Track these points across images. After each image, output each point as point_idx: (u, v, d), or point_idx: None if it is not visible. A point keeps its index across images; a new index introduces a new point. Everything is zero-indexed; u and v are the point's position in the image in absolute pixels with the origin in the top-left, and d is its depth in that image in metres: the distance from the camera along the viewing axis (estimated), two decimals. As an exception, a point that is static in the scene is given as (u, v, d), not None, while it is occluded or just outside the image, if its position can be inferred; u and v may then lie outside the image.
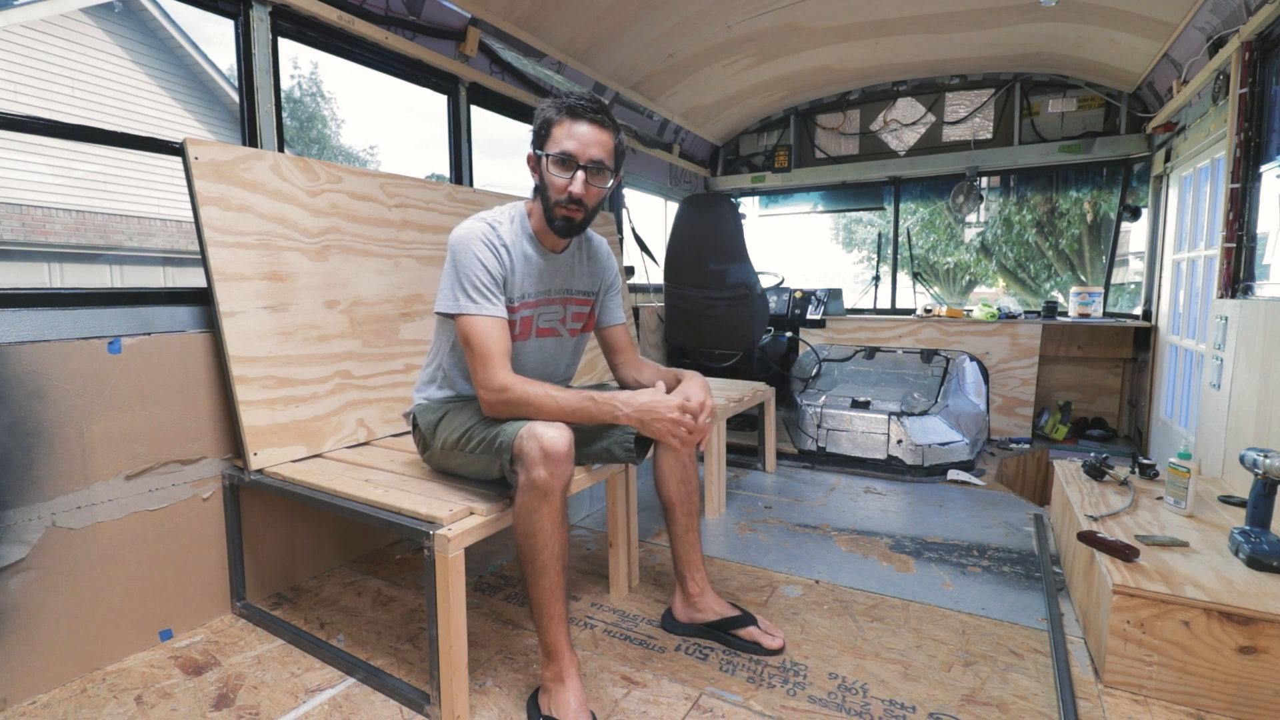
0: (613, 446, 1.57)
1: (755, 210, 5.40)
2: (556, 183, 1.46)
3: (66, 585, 1.54)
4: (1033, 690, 1.49)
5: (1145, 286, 3.95)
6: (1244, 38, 2.38)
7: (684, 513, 1.73)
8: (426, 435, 1.61)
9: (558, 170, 1.45)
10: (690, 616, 1.73)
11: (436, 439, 1.58)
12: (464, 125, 2.86)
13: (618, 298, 1.79)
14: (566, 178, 1.45)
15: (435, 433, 1.58)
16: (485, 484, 1.55)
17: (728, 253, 3.33)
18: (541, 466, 1.30)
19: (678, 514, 1.73)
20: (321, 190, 1.99)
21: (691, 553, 1.74)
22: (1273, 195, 2.43)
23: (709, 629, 1.70)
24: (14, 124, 1.58)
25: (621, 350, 1.79)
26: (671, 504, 1.72)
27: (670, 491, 1.72)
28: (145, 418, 1.66)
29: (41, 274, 8.31)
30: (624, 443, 1.55)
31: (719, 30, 3.45)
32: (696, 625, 1.72)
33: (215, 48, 16.02)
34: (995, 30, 3.51)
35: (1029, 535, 2.40)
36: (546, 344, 1.67)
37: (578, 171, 1.44)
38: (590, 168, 1.45)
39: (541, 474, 1.30)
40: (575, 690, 1.37)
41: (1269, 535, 1.59)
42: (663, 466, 1.72)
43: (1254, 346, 2.12)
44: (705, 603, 1.72)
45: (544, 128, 1.47)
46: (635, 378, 1.74)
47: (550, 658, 1.39)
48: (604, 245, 1.76)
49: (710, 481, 2.59)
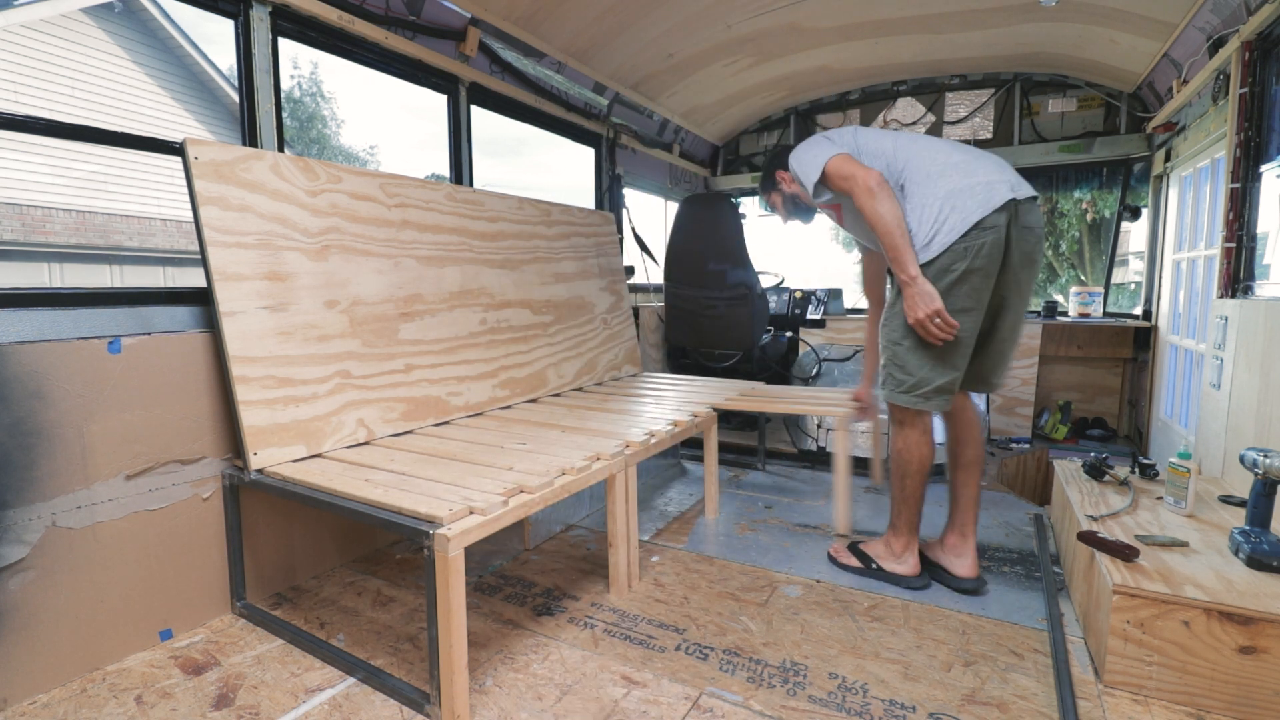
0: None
1: (755, 210, 5.40)
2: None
3: (66, 585, 1.54)
4: (1033, 690, 1.49)
5: (1145, 286, 3.95)
6: (1244, 37, 2.38)
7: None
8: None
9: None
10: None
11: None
12: (464, 125, 2.86)
13: (803, 179, 2.01)
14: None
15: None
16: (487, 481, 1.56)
17: (728, 253, 3.34)
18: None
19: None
20: (321, 190, 1.99)
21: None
22: (1273, 195, 2.43)
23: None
24: (14, 124, 1.58)
25: None
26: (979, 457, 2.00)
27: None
28: (145, 418, 1.66)
29: (41, 274, 8.32)
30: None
31: (719, 30, 3.45)
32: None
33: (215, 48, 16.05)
34: (995, 30, 3.51)
35: (1029, 535, 2.40)
36: (844, 225, 2.13)
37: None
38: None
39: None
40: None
41: (1269, 535, 1.59)
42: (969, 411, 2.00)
43: (1254, 346, 2.12)
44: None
45: None
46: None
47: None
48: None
49: (709, 481, 2.60)
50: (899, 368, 1.87)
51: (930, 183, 1.78)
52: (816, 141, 1.96)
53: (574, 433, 2.09)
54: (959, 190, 1.74)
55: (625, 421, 2.24)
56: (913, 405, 1.85)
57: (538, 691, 1.49)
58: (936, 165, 1.80)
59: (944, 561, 2.00)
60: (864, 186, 1.76)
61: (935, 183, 1.77)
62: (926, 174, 1.80)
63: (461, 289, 2.42)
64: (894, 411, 1.93)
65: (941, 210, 1.74)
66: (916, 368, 1.83)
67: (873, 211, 1.75)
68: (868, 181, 1.76)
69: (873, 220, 1.76)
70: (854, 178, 1.79)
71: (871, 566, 2.04)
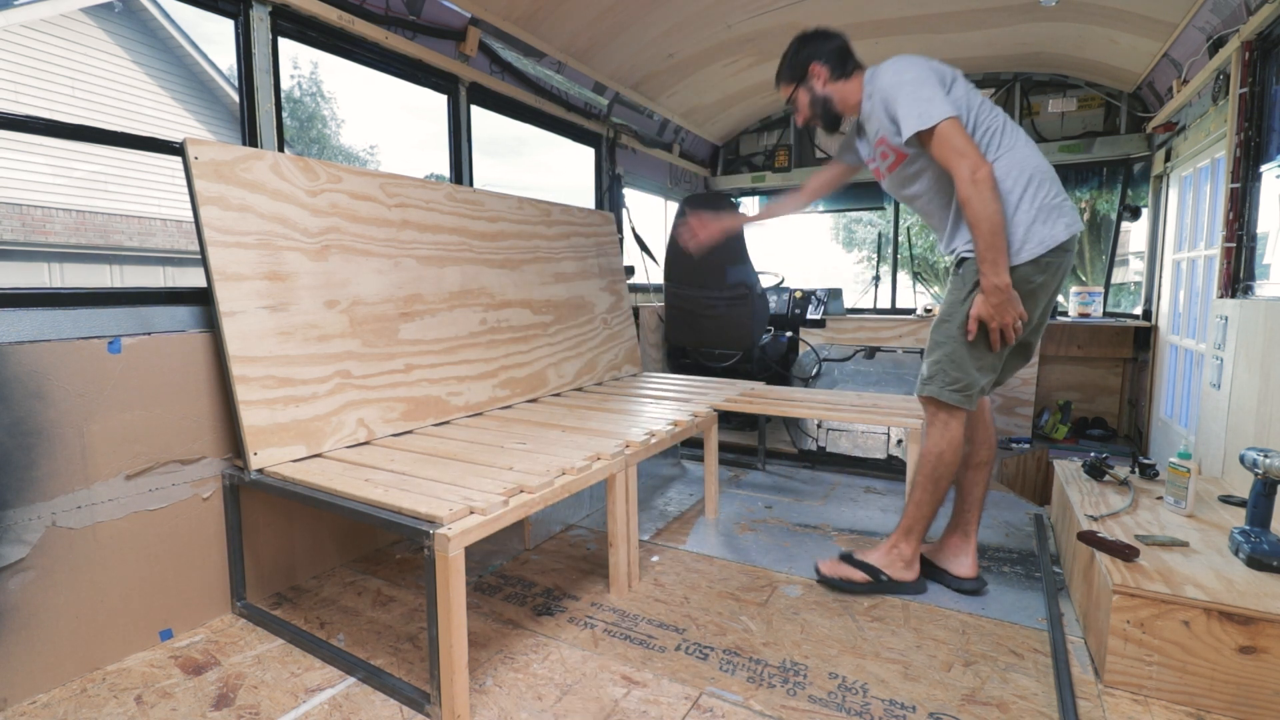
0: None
1: (755, 210, 5.40)
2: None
3: (67, 585, 1.54)
4: (1033, 690, 1.49)
5: (1145, 286, 3.95)
6: (1244, 37, 2.38)
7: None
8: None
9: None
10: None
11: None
12: (464, 125, 2.86)
13: (898, 111, 1.71)
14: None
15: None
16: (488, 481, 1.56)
17: (728, 252, 3.34)
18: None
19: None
20: (321, 190, 1.99)
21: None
22: (1273, 195, 2.43)
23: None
24: (14, 124, 1.58)
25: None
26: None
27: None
28: (145, 417, 1.66)
29: (41, 274, 8.32)
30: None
31: (719, 30, 3.45)
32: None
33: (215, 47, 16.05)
34: (995, 30, 3.51)
35: (1029, 535, 2.40)
36: (886, 185, 1.96)
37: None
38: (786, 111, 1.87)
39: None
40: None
41: (1269, 535, 1.59)
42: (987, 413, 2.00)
43: (1254, 346, 2.12)
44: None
45: None
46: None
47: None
48: (869, 94, 1.83)
49: (709, 481, 2.60)
50: (955, 365, 1.79)
51: (1029, 186, 1.69)
52: (924, 75, 1.69)
53: (574, 433, 2.09)
54: (1052, 206, 1.70)
55: (625, 421, 2.24)
56: (961, 404, 1.81)
57: (538, 691, 1.49)
58: (1031, 165, 1.71)
59: (944, 563, 1.99)
60: (977, 176, 1.61)
61: (1033, 188, 1.69)
62: (1025, 172, 1.70)
63: (461, 289, 2.42)
64: (940, 411, 1.85)
65: (1035, 219, 1.68)
66: (972, 368, 1.79)
67: (981, 206, 1.61)
68: (984, 172, 1.61)
69: (976, 214, 1.62)
70: (967, 157, 1.62)
71: (882, 579, 1.93)
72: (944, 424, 1.85)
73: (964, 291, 1.77)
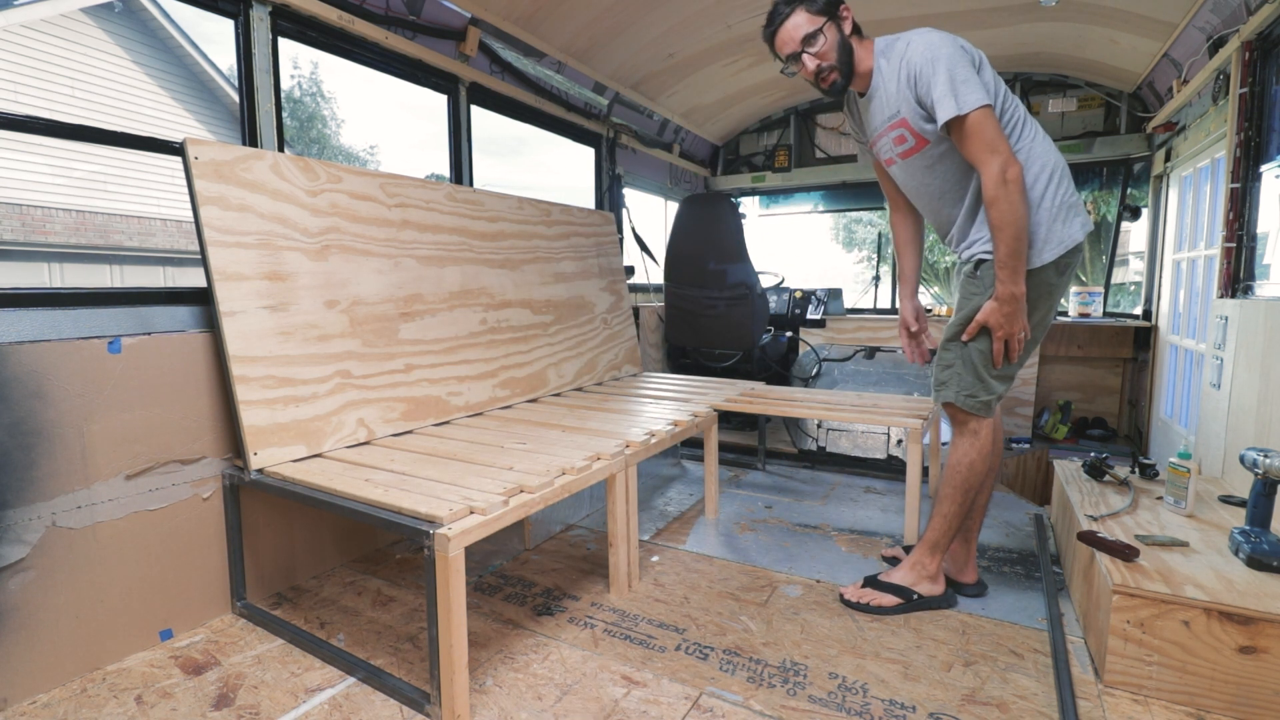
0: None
1: (755, 210, 5.40)
2: (801, 78, 1.75)
3: (67, 585, 1.54)
4: (1033, 690, 1.49)
5: (1145, 286, 3.95)
6: (1244, 37, 2.38)
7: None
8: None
9: (793, 71, 1.75)
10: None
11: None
12: (464, 125, 2.86)
13: (934, 91, 1.56)
14: (797, 72, 1.74)
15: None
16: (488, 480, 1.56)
17: (728, 252, 3.34)
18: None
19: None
20: (321, 190, 1.99)
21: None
22: (1273, 195, 2.43)
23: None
24: (14, 124, 1.58)
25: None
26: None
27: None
28: (145, 417, 1.66)
29: (41, 274, 8.32)
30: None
31: (719, 30, 3.45)
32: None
33: (215, 47, 16.05)
34: (995, 30, 3.51)
35: (1029, 535, 2.40)
36: (895, 172, 1.83)
37: (791, 66, 1.73)
38: (794, 58, 1.70)
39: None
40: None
41: (1269, 535, 1.59)
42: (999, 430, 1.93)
43: (1254, 346, 2.12)
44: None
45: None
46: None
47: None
48: (888, 65, 1.67)
49: (709, 481, 2.60)
50: (982, 371, 1.73)
51: (1050, 183, 1.63)
52: (958, 54, 1.56)
53: (574, 432, 2.09)
54: (1070, 204, 1.64)
55: (625, 421, 2.24)
56: (984, 413, 1.76)
57: (538, 691, 1.49)
58: (1052, 160, 1.64)
59: (947, 571, 1.96)
60: (1008, 175, 1.51)
61: (1054, 185, 1.63)
62: (1046, 168, 1.63)
63: (461, 289, 2.42)
64: (966, 421, 1.78)
65: (1056, 218, 1.62)
66: (996, 375, 1.73)
67: (1009, 208, 1.52)
68: (1015, 171, 1.52)
69: (1003, 216, 1.53)
70: (999, 154, 1.52)
71: (914, 599, 1.83)
72: (973, 432, 1.78)
73: (984, 298, 1.68)
